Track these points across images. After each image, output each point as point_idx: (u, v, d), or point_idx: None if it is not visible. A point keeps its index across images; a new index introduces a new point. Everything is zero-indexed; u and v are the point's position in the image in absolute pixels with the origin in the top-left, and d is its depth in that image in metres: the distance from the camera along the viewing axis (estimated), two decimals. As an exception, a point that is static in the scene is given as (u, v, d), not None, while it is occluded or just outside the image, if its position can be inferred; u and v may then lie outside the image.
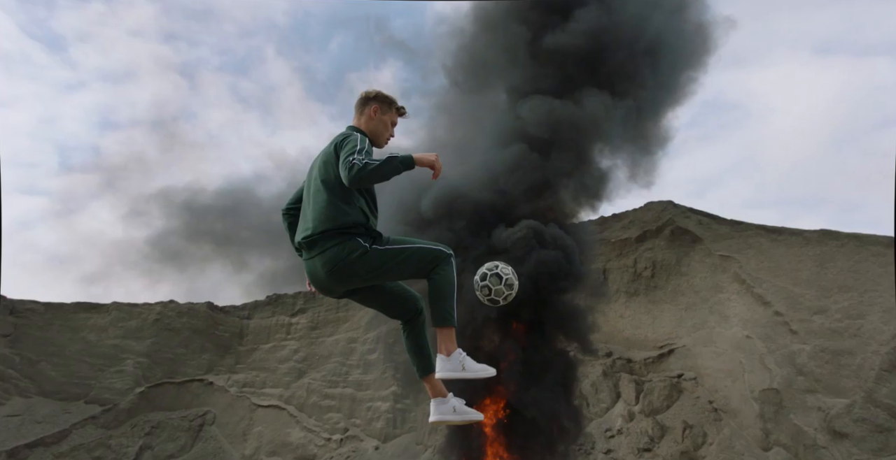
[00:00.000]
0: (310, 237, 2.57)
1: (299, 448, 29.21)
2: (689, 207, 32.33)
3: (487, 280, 2.72)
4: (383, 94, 2.86)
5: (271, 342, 33.51)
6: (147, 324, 32.98)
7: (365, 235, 2.58)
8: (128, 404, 30.76)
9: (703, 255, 28.90)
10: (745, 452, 20.27)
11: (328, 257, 2.53)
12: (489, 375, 2.62)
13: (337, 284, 2.61)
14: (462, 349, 2.63)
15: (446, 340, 2.57)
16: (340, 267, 2.52)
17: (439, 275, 2.60)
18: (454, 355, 2.58)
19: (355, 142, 2.51)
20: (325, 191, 2.58)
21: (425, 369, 2.71)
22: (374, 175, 2.37)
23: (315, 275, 2.61)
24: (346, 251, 2.51)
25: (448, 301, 2.57)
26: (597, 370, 25.29)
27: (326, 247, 2.54)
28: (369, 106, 2.82)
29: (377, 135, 2.81)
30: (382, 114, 2.82)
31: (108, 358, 32.02)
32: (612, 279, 30.09)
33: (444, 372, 2.57)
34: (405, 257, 2.59)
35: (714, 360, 24.10)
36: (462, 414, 2.69)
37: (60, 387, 31.36)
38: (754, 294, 25.64)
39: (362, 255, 2.52)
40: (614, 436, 22.50)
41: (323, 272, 2.56)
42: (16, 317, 32.65)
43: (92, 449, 29.56)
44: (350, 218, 2.55)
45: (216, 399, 31.75)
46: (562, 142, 21.61)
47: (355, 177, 2.35)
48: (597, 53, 22.29)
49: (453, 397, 2.72)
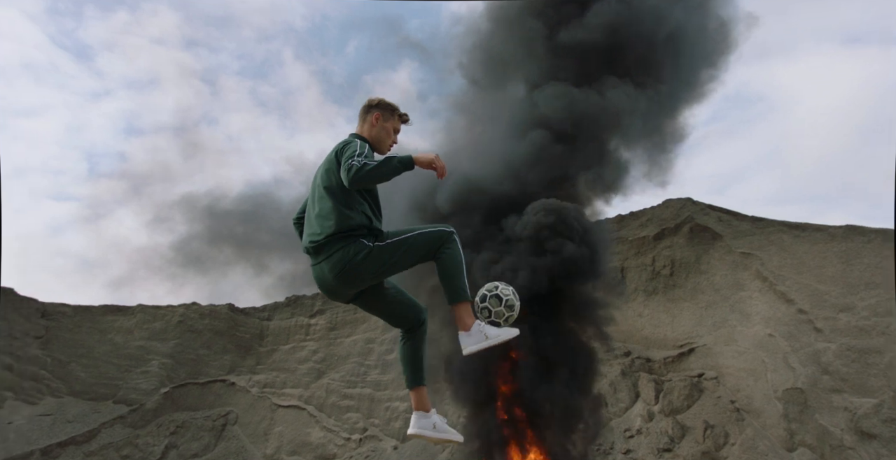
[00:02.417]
0: (316, 242, 2.63)
1: (319, 447, 29.55)
2: (709, 204, 31.81)
3: (487, 301, 2.67)
4: (385, 102, 2.90)
5: (291, 343, 34.00)
6: (171, 326, 33.78)
7: (368, 236, 2.63)
8: (153, 404, 31.52)
9: (723, 253, 28.39)
10: (768, 453, 19.84)
11: (335, 261, 2.58)
12: (513, 335, 2.59)
13: (346, 287, 2.65)
14: None
15: (463, 315, 2.58)
16: (348, 269, 2.56)
17: (445, 254, 2.62)
18: (473, 328, 2.57)
19: (355, 147, 2.58)
20: (329, 198, 2.64)
21: (415, 380, 2.72)
22: (373, 175, 2.42)
23: (323, 279, 2.65)
24: (352, 253, 2.56)
25: (458, 277, 2.59)
26: (615, 369, 25.03)
27: (333, 251, 2.59)
28: (371, 113, 2.88)
29: (379, 141, 2.86)
30: (384, 121, 2.87)
31: (134, 360, 32.87)
32: (630, 278, 29.76)
33: (469, 347, 2.55)
34: (407, 246, 2.63)
35: (735, 359, 23.64)
36: (441, 431, 2.68)
37: (90, 388, 32.29)
38: (777, 291, 25.09)
39: (367, 255, 2.57)
40: (633, 436, 22.23)
41: (331, 276, 2.60)
42: (47, 319, 33.73)
43: (120, 448, 30.35)
44: (354, 221, 2.60)
45: (238, 399, 32.34)
46: (581, 132, 21.32)
47: (354, 178, 2.43)
48: (615, 48, 22.04)
49: (436, 414, 2.73)
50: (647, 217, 32.90)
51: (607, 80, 21.69)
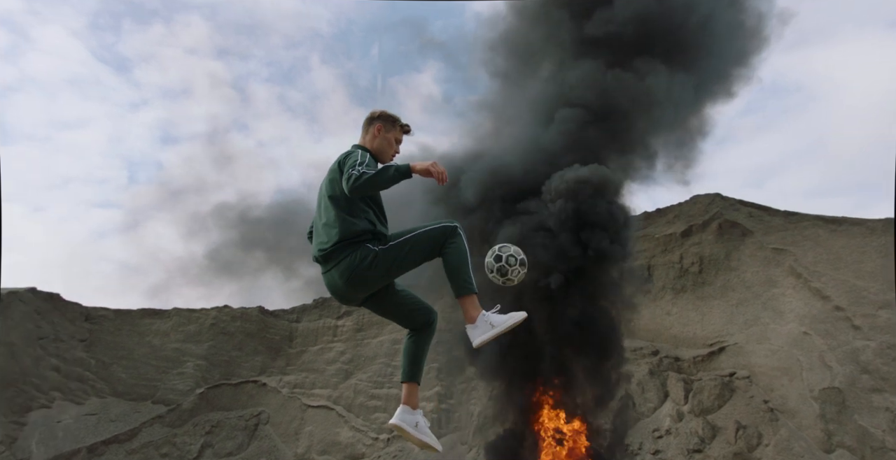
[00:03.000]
0: (324, 250, 2.70)
1: (348, 447, 30.02)
2: (739, 199, 30.99)
3: (503, 261, 2.67)
4: (387, 114, 2.98)
5: (319, 344, 34.67)
6: (204, 329, 34.93)
7: (374, 241, 2.69)
8: (189, 404, 32.62)
9: (754, 249, 27.61)
10: (804, 454, 19.18)
11: (343, 267, 2.65)
12: (520, 320, 2.60)
13: (356, 291, 2.71)
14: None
15: (469, 308, 2.61)
16: (356, 274, 2.63)
17: (450, 248, 2.66)
18: (479, 319, 2.59)
19: (356, 157, 2.66)
20: (333, 207, 2.72)
21: (411, 376, 2.79)
22: (371, 183, 2.49)
23: (334, 285, 2.72)
24: (359, 258, 2.63)
25: (463, 270, 2.62)
26: (643, 369, 24.62)
27: (340, 258, 2.66)
28: (374, 125, 2.95)
29: (382, 151, 2.92)
30: (386, 131, 2.94)
31: (171, 361, 34.10)
32: (657, 275, 29.23)
33: (477, 340, 2.56)
34: (411, 245, 2.68)
35: (769, 358, 22.94)
36: (422, 433, 2.71)
37: (130, 388, 33.65)
38: (812, 288, 24.25)
39: (374, 259, 2.63)
40: (662, 437, 21.81)
41: (341, 281, 2.67)
42: (91, 323, 35.33)
43: (159, 447, 31.51)
44: (358, 227, 2.67)
45: (269, 399, 33.17)
46: (611, 112, 20.80)
47: (353, 186, 2.50)
48: (643, 40, 21.59)
49: (421, 415, 2.77)
50: (675, 213, 32.26)
51: (639, 63, 21.15)
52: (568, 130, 20.41)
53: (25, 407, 30.36)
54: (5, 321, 31.42)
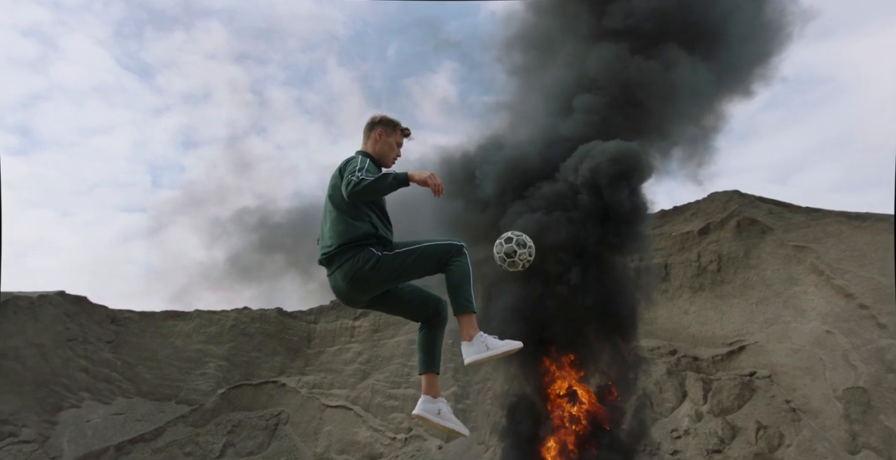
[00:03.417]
0: (328, 253, 2.76)
1: (367, 446, 30.29)
2: (759, 196, 30.44)
3: (516, 246, 2.75)
4: (388, 118, 3.03)
5: (337, 345, 35.08)
6: (225, 330, 35.64)
7: (377, 244, 2.74)
8: (211, 404, 33.30)
9: (774, 246, 27.09)
10: (828, 455, 18.74)
11: (346, 269, 2.70)
12: (515, 348, 2.65)
13: (359, 293, 2.77)
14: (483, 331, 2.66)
15: (467, 326, 2.65)
16: (358, 276, 2.68)
17: (454, 265, 2.69)
18: (476, 338, 2.63)
19: (356, 163, 2.73)
20: (336, 211, 2.79)
21: (428, 366, 2.80)
22: (369, 189, 2.56)
23: (338, 288, 2.78)
24: (361, 261, 2.68)
25: (465, 288, 2.66)
26: (660, 368, 24.33)
27: (343, 260, 2.71)
28: (375, 130, 3.01)
29: (384, 156, 2.98)
30: (388, 136, 2.99)
31: (193, 362, 34.87)
32: (674, 274, 28.87)
33: (470, 357, 2.62)
34: (417, 256, 2.72)
35: (790, 357, 22.48)
36: (445, 419, 2.74)
37: (155, 389, 34.50)
38: (835, 286, 23.70)
39: (376, 263, 2.68)
40: (681, 437, 21.52)
41: (344, 284, 2.72)
42: (117, 325, 36.33)
43: (183, 445, 32.23)
44: (360, 230, 2.72)
45: (288, 399, 33.66)
46: (632, 97, 20.40)
47: (351, 192, 2.58)
48: (662, 34, 21.30)
49: (443, 402, 2.79)
50: (692, 211, 31.82)
51: (662, 50, 20.84)
52: (588, 118, 20.06)
53: (57, 406, 31.37)
54: (36, 324, 32.51)
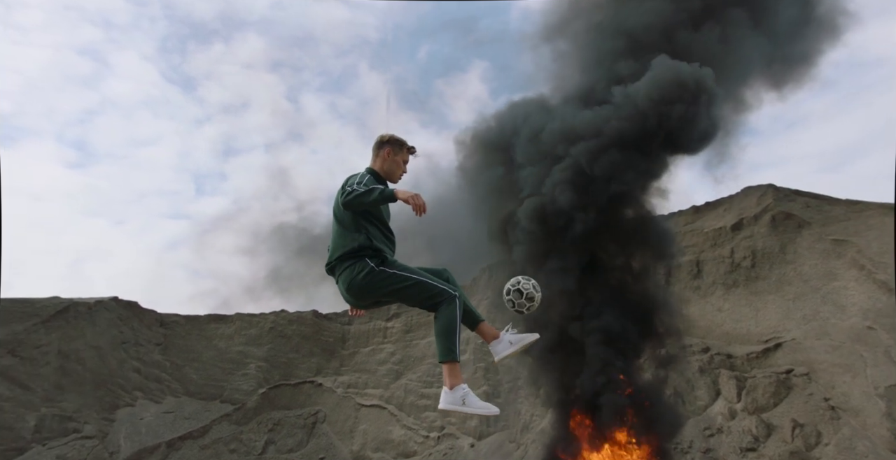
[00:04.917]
0: (330, 264, 3.00)
1: (401, 445, 30.96)
2: (794, 189, 29.54)
3: (511, 295, 2.98)
4: (395, 138, 3.20)
5: (370, 345, 36.00)
6: (264, 332, 37.16)
7: (373, 256, 2.90)
8: (253, 403, 34.77)
9: (812, 241, 26.24)
10: (868, 454, 18.08)
11: (344, 277, 2.91)
12: (490, 413, 2.77)
13: (358, 300, 2.99)
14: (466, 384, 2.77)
15: (449, 375, 2.74)
16: (353, 285, 2.88)
17: (442, 313, 2.80)
18: (456, 389, 2.72)
19: (357, 177, 2.97)
20: (338, 224, 3.00)
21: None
22: (359, 200, 2.76)
23: (342, 293, 3.00)
24: (356, 271, 2.88)
25: (450, 338, 2.75)
26: (692, 366, 23.96)
27: (342, 269, 2.93)
28: (383, 149, 3.16)
29: (391, 172, 3.15)
30: (395, 154, 3.16)
31: (235, 363, 36.50)
32: (706, 271, 28.33)
33: (445, 405, 2.74)
34: (409, 286, 2.86)
35: (829, 354, 21.75)
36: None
37: (201, 389, 36.30)
38: (877, 280, 22.80)
39: (368, 274, 2.85)
40: (714, 435, 21.15)
41: (343, 290, 2.95)
42: (165, 328, 38.42)
43: (228, 443, 33.76)
44: (357, 242, 2.90)
45: (325, 399, 34.77)
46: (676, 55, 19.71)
47: (345, 201, 2.82)
48: None
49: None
50: (725, 206, 31.14)
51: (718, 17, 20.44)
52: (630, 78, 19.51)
53: (113, 405, 33.46)
54: (94, 327, 34.78)
